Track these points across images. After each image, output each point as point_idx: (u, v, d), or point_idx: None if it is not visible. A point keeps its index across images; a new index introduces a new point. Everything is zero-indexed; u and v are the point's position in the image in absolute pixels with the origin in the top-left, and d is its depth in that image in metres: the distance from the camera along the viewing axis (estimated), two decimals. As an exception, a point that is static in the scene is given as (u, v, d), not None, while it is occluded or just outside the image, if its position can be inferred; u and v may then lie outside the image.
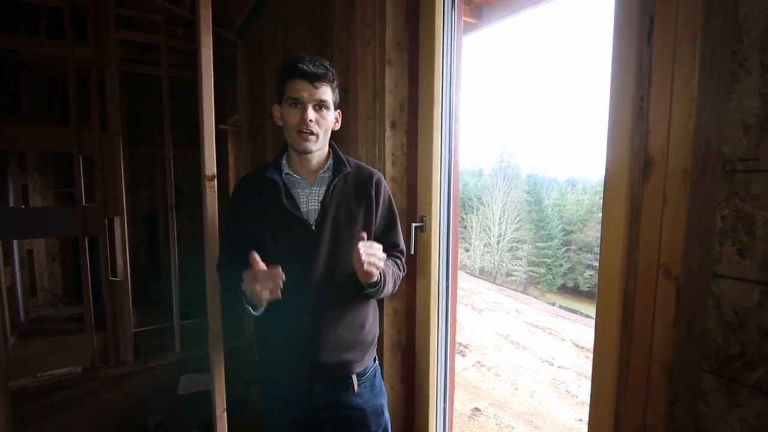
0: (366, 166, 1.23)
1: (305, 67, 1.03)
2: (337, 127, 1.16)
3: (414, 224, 1.58)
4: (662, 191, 0.79)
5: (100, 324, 3.02)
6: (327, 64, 1.08)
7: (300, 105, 1.05)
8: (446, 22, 1.50)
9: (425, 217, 1.58)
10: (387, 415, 1.24)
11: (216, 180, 1.41)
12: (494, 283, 18.13)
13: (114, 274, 3.09)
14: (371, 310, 1.20)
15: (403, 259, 1.26)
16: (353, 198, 1.13)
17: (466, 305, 6.62)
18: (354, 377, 1.14)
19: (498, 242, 25.09)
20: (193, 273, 5.04)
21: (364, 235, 0.99)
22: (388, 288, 1.12)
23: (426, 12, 1.52)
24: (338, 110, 1.15)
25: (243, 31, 3.28)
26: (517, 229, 25.35)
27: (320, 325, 1.08)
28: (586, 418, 3.55)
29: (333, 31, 1.99)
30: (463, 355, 4.66)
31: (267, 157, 2.95)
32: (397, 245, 1.24)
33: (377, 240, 1.15)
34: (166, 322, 3.46)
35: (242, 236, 1.12)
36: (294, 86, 1.04)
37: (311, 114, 1.05)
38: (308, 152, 1.09)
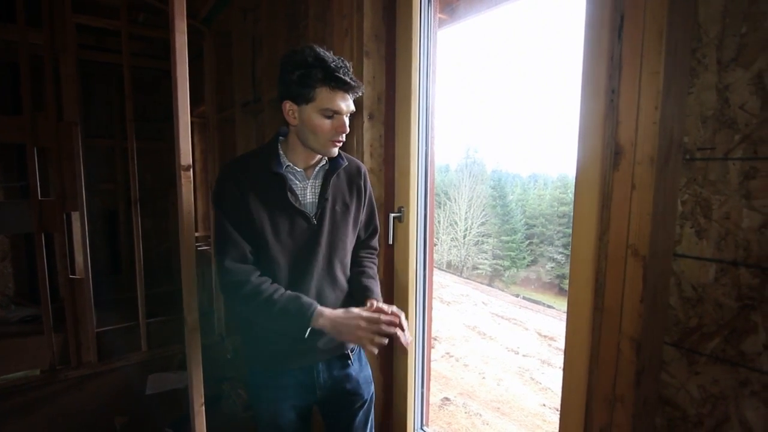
0: (351, 157, 1.24)
1: (347, 78, 0.99)
2: None
3: (392, 214, 1.60)
4: (631, 178, 0.85)
5: (59, 325, 2.87)
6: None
7: (336, 116, 1.02)
8: (423, 13, 1.53)
9: (403, 207, 1.60)
10: (373, 383, 1.30)
11: (191, 171, 1.38)
12: (461, 276, 18.53)
13: (73, 272, 2.94)
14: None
15: (376, 247, 1.32)
16: (347, 190, 1.16)
17: (434, 298, 6.75)
18: (349, 352, 1.21)
19: (464, 236, 25.60)
20: (158, 270, 4.88)
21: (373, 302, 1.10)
22: None
23: (403, 3, 1.54)
24: None
25: (210, 20, 3.18)
26: (482, 224, 25.97)
27: None
28: (549, 402, 3.72)
29: (307, 22, 1.97)
30: (433, 347, 4.77)
31: (237, 151, 2.88)
32: (376, 228, 1.30)
33: (362, 227, 1.23)
34: (130, 321, 3.34)
35: (248, 230, 1.06)
36: (333, 97, 1.00)
37: (347, 125, 1.04)
38: (332, 156, 1.10)
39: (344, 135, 1.05)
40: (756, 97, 0.78)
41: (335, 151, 1.07)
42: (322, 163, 1.13)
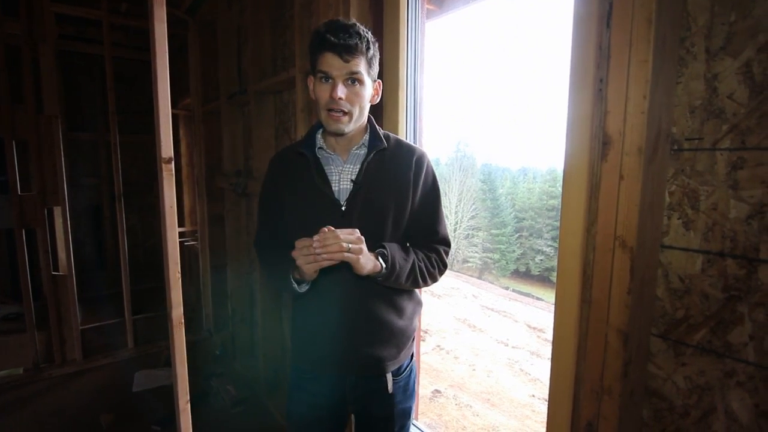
0: (407, 142, 1.11)
1: (333, 38, 0.91)
2: (377, 99, 1.05)
3: (380, 208, 1.58)
4: (619, 168, 0.84)
5: (42, 322, 2.81)
6: (362, 29, 0.95)
7: (330, 80, 0.95)
8: (411, 4, 1.50)
9: (391, 200, 1.59)
10: (412, 418, 1.18)
11: (173, 163, 1.34)
12: (451, 269, 18.60)
13: (56, 269, 2.87)
14: (409, 302, 1.10)
15: (444, 249, 1.11)
16: (388, 177, 1.02)
17: (425, 291, 6.78)
18: (389, 376, 1.06)
19: (455, 230, 25.70)
20: (145, 266, 4.81)
21: (327, 228, 0.89)
22: (403, 277, 0.99)
23: (390, -6, 1.51)
24: (378, 81, 1.03)
25: (194, 10, 3.11)
26: (472, 217, 26.09)
27: (352, 316, 1.02)
28: (538, 393, 3.77)
29: (293, 12, 1.93)
30: (423, 340, 4.79)
31: (224, 144, 2.84)
32: (436, 232, 1.10)
33: (413, 223, 1.06)
34: (115, 317, 3.28)
35: (276, 214, 1.07)
36: (323, 59, 0.93)
37: (341, 91, 0.93)
38: (340, 133, 0.99)
39: (345, 105, 0.95)
40: (744, 87, 0.77)
41: (339, 126, 0.97)
42: (357, 146, 1.05)
